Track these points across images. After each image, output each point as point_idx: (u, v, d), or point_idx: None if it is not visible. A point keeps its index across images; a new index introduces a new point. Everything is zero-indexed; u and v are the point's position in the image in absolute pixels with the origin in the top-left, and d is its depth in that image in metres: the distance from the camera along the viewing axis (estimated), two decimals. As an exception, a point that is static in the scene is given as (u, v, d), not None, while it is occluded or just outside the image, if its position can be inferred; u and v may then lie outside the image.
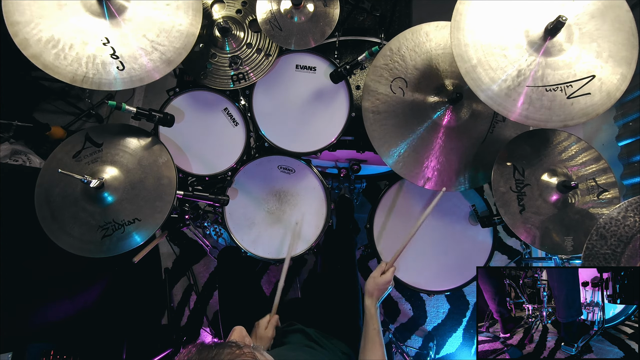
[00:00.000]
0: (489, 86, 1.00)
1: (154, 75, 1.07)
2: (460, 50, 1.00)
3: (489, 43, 1.00)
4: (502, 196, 1.15)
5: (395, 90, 1.21)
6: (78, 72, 1.02)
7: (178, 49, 1.09)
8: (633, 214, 0.97)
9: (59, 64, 1.01)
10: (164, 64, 1.08)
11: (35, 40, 1.00)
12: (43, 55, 1.01)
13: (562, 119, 1.00)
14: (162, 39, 1.08)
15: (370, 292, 1.09)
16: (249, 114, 1.37)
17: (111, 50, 1.05)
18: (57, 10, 1.03)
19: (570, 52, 1.01)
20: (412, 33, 1.21)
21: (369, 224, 1.46)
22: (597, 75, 1.00)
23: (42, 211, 1.08)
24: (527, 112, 0.99)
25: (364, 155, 1.49)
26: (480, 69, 1.00)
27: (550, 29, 0.98)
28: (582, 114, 1.00)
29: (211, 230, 2.02)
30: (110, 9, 1.05)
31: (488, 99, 1.00)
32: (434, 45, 1.21)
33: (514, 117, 1.00)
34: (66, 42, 1.02)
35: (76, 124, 2.28)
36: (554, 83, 1.00)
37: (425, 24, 1.22)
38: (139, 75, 1.06)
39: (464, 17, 1.01)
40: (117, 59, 1.05)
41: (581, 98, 1.00)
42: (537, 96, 0.99)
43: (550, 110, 1.00)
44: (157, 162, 1.14)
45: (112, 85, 1.04)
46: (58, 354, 1.37)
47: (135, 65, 1.06)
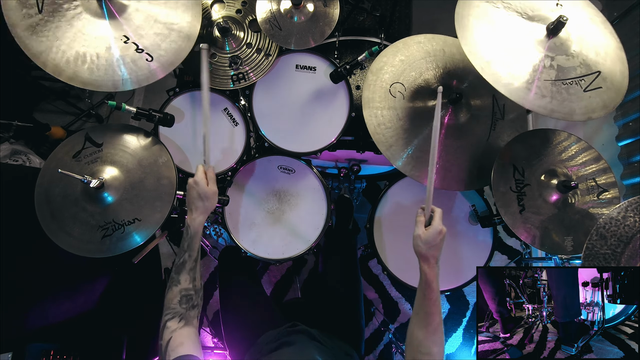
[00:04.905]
0: (509, 81, 0.99)
1: (182, 54, 1.09)
2: (470, 48, 1.00)
3: (501, 40, 1.02)
4: (502, 196, 1.14)
5: (394, 94, 1.21)
6: (115, 78, 1.04)
7: (189, 22, 1.11)
8: (633, 214, 0.97)
9: (96, 77, 1.03)
10: (184, 39, 1.10)
11: (64, 63, 1.01)
12: (78, 74, 1.02)
13: (584, 112, 1.01)
14: (170, 17, 1.10)
15: (425, 255, 0.87)
16: (249, 114, 1.37)
17: (134, 45, 1.06)
18: (69, 27, 1.03)
19: (575, 49, 1.02)
20: (404, 44, 1.24)
21: (369, 224, 1.46)
22: (602, 71, 1.02)
23: (42, 211, 1.08)
24: (552, 105, 1.00)
25: (364, 155, 1.49)
26: (496, 65, 1.00)
27: (551, 29, 0.98)
28: (602, 106, 1.02)
29: (211, 230, 2.02)
30: (110, 10, 1.06)
31: (511, 94, 0.99)
32: (424, 54, 1.23)
33: (539, 110, 1.00)
34: (92, 54, 1.03)
35: (76, 124, 2.28)
36: (567, 77, 1.02)
37: (415, 36, 1.26)
38: (169, 59, 1.08)
39: (468, 19, 1.02)
40: (143, 52, 1.06)
41: (596, 92, 1.02)
42: (557, 89, 1.00)
43: (572, 104, 1.01)
44: (157, 162, 1.14)
45: (150, 78, 1.06)
46: (58, 354, 1.36)
47: (161, 52, 1.07)
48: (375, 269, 2.15)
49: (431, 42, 1.25)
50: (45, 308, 1.44)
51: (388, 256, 1.43)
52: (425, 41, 1.25)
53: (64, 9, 1.03)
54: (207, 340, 2.08)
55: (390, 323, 2.09)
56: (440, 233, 0.87)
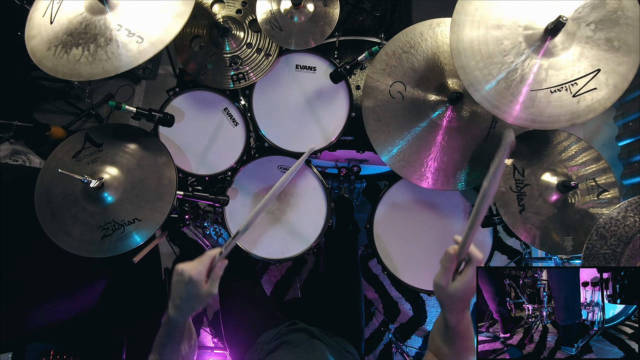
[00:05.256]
0: (488, 92, 0.98)
1: (175, 30, 1.07)
2: (459, 54, 0.99)
3: (488, 47, 0.99)
4: (502, 196, 1.15)
5: (394, 95, 1.20)
6: (109, 65, 1.03)
7: (183, 3, 1.09)
8: (633, 214, 0.97)
9: (92, 68, 1.03)
10: (177, 17, 1.07)
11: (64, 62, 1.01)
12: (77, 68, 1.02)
13: (568, 119, 0.99)
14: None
15: (450, 308, 0.72)
16: (249, 113, 1.37)
17: (126, 31, 1.05)
18: (70, 26, 1.04)
19: (573, 49, 1.00)
20: (406, 34, 1.21)
21: (369, 224, 1.46)
22: (602, 68, 0.99)
23: (42, 211, 1.08)
24: (533, 115, 0.98)
25: (364, 155, 1.49)
26: (478, 73, 0.99)
27: (550, 29, 0.97)
28: (588, 111, 0.99)
29: (211, 230, 2.02)
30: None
31: (490, 105, 0.98)
32: (431, 44, 1.20)
33: (518, 122, 0.98)
34: (85, 46, 1.03)
35: (76, 124, 2.28)
36: (558, 83, 0.99)
37: (419, 23, 1.21)
38: (160, 37, 1.06)
39: (463, 18, 1.00)
40: (134, 35, 1.05)
41: (587, 94, 0.99)
42: (543, 97, 0.99)
43: (556, 111, 0.99)
44: (157, 162, 1.14)
45: (141, 57, 1.04)
46: (58, 354, 1.37)
47: (152, 32, 1.06)
48: (375, 269, 2.15)
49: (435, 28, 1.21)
50: (45, 308, 1.44)
51: (388, 256, 1.43)
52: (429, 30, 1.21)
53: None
54: (207, 340, 2.08)
55: (390, 323, 2.09)
56: (472, 283, 0.67)
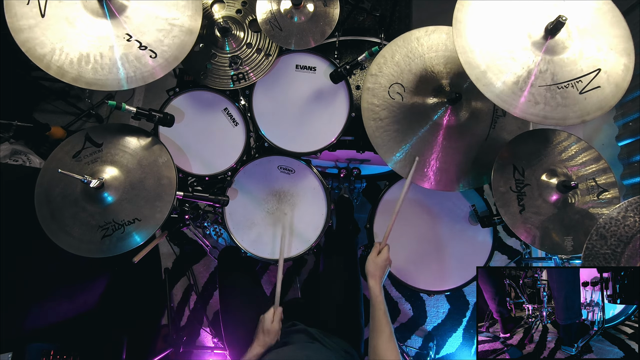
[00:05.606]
0: (501, 90, 0.98)
1: (186, 49, 1.08)
2: (467, 58, 0.99)
3: (494, 47, 1.00)
4: (502, 196, 1.15)
5: (393, 96, 1.21)
6: (120, 76, 1.03)
7: (190, 16, 1.10)
8: (633, 214, 0.97)
9: (100, 77, 1.02)
10: (186, 34, 1.09)
11: (68, 65, 1.01)
12: (82, 75, 1.01)
13: (578, 115, 1.00)
14: (172, 12, 1.09)
15: (373, 273, 1.10)
16: (249, 114, 1.37)
17: (137, 43, 1.05)
18: (70, 28, 1.03)
19: (573, 48, 1.01)
20: (404, 40, 1.22)
21: (369, 224, 1.46)
22: (602, 68, 1.01)
23: (42, 211, 1.08)
24: (545, 112, 0.99)
25: (364, 155, 1.49)
26: (491, 74, 0.99)
27: (550, 29, 0.98)
28: (597, 108, 1.00)
29: (211, 230, 2.02)
30: (111, 9, 1.05)
31: (502, 102, 0.98)
32: (426, 49, 1.22)
33: (530, 118, 0.98)
34: (95, 54, 1.03)
35: (76, 124, 2.28)
36: (564, 80, 1.00)
37: (415, 30, 1.23)
38: (173, 54, 1.07)
39: (464, 25, 1.00)
40: (146, 49, 1.05)
41: (593, 92, 1.00)
42: (551, 95, 0.99)
43: (566, 108, 0.99)
44: (157, 162, 1.14)
45: (154, 75, 1.05)
46: (58, 354, 1.37)
47: (164, 47, 1.06)
48: (375, 269, 2.15)
49: (430, 35, 1.23)
50: (45, 308, 1.45)
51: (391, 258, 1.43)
52: (425, 36, 1.23)
53: (65, 12, 1.02)
54: (207, 340, 2.08)
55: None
56: (387, 261, 1.12)
